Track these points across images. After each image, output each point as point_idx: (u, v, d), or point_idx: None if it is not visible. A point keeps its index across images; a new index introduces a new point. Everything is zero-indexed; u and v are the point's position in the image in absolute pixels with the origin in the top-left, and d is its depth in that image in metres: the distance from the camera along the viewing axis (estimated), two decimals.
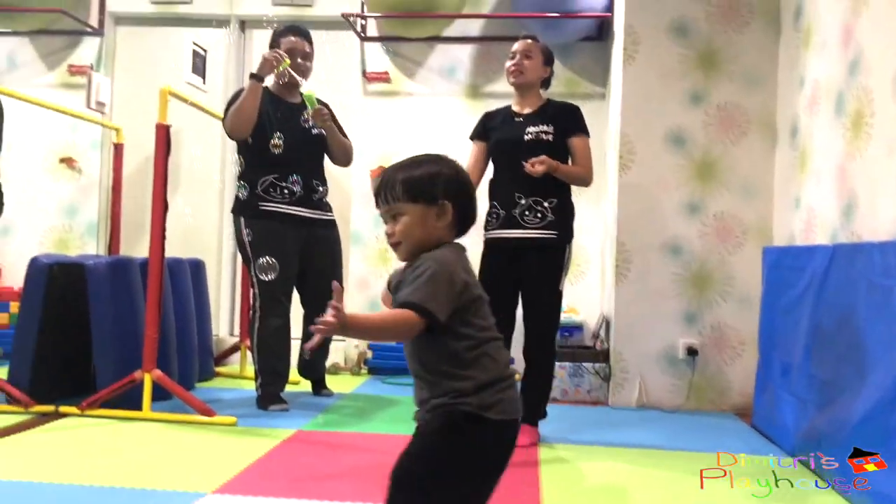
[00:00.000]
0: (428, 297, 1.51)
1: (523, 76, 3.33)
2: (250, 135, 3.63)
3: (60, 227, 5.27)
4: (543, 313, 3.26)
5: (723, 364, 4.09)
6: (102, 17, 5.28)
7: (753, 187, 4.10)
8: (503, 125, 3.38)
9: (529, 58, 3.33)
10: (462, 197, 1.65)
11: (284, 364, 3.79)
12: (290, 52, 3.66)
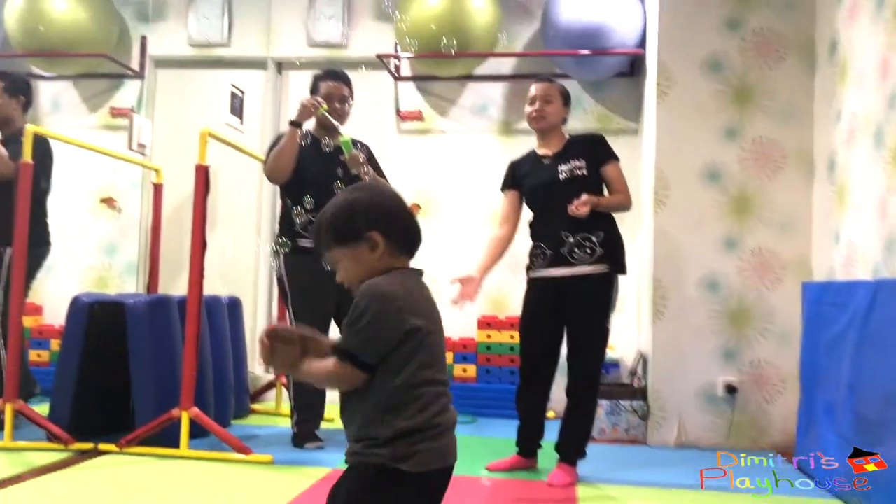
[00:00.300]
0: (362, 345, 1.48)
1: (545, 121, 3.34)
2: (289, 178, 3.69)
3: (100, 265, 5.37)
4: (590, 350, 3.23)
5: (763, 402, 4.01)
6: (143, 60, 5.42)
7: (791, 222, 4.05)
8: (533, 170, 3.39)
9: (549, 102, 3.34)
10: (387, 220, 1.57)
11: (320, 401, 3.80)
12: (328, 97, 3.72)
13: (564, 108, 3.39)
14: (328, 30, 5.29)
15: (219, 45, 5.40)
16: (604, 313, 3.22)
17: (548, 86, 3.37)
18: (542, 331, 3.29)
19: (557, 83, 3.43)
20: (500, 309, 4.97)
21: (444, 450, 1.53)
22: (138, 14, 5.45)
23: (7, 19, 5.09)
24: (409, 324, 1.51)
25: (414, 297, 1.55)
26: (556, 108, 3.35)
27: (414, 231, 1.62)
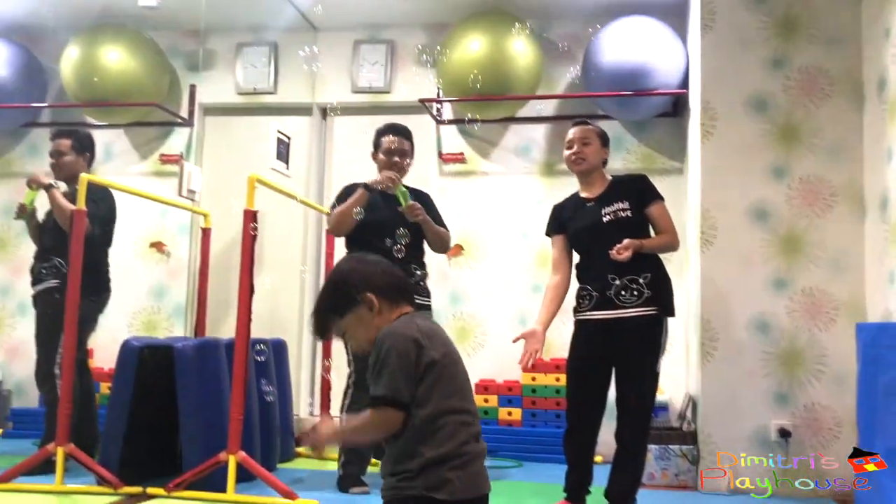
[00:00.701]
0: (391, 384, 1.57)
1: (585, 162, 3.33)
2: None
3: (149, 308, 5.46)
4: (639, 393, 3.17)
5: (818, 447, 3.89)
6: (192, 108, 5.56)
7: (843, 261, 3.97)
8: (577, 214, 3.37)
9: (587, 144, 3.32)
10: (371, 279, 1.71)
11: (371, 446, 3.79)
12: (389, 151, 3.83)
13: (604, 150, 3.38)
14: (372, 76, 5.38)
15: (265, 92, 5.52)
16: (653, 356, 3.17)
17: (585, 128, 3.37)
18: (589, 373, 3.24)
19: (594, 125, 3.42)
20: (546, 351, 4.91)
21: (475, 478, 1.61)
22: (188, 64, 5.61)
23: (64, 71, 5.27)
24: (427, 356, 1.60)
25: (427, 333, 1.64)
26: (595, 150, 3.34)
27: (398, 280, 1.76)
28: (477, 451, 1.64)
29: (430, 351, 1.61)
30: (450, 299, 4.83)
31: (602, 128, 3.44)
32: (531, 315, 3.67)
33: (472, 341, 5.10)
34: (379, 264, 1.77)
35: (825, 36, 4.09)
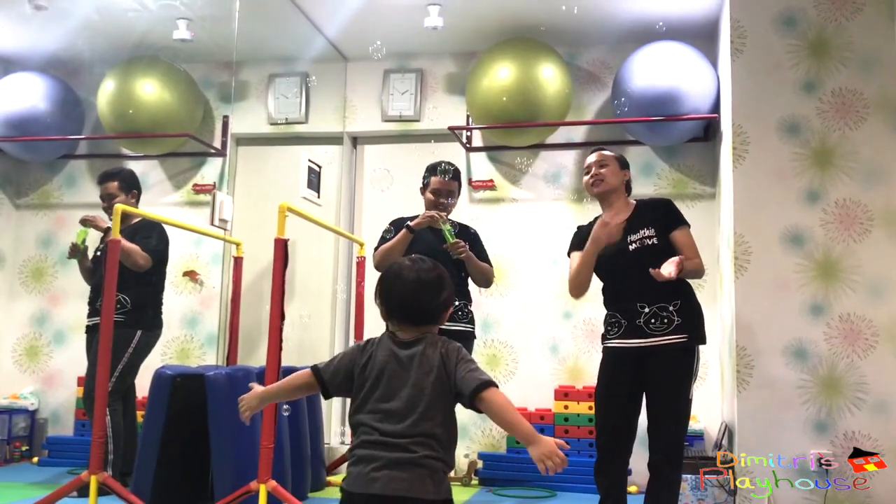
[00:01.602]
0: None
1: (604, 183, 3.27)
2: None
3: (182, 337, 5.50)
4: (672, 421, 3.09)
5: (859, 477, 3.79)
6: (225, 138, 5.63)
7: (882, 286, 3.89)
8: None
9: (604, 166, 3.28)
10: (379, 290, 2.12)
11: None
12: (437, 192, 3.93)
13: (622, 172, 3.32)
14: (401, 105, 5.42)
15: (296, 122, 5.59)
16: (685, 383, 3.10)
17: (601, 153, 3.35)
18: (618, 401, 3.19)
19: (608, 149, 3.40)
20: (578, 378, 4.88)
21: (356, 476, 1.92)
22: (220, 95, 5.69)
23: (100, 103, 5.38)
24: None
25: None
26: (613, 171, 3.29)
27: (385, 304, 2.07)
28: (360, 455, 1.93)
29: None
30: (481, 327, 4.79)
31: (622, 154, 3.42)
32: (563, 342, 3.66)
33: (504, 369, 5.06)
34: (390, 279, 2.10)
35: (858, 58, 4.05)
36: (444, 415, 1.95)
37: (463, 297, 3.99)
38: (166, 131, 5.34)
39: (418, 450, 1.88)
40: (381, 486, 1.86)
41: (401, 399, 1.92)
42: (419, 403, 1.91)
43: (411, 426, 1.90)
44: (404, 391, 1.93)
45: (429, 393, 1.93)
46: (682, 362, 3.09)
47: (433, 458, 1.90)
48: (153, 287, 4.40)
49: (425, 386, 1.93)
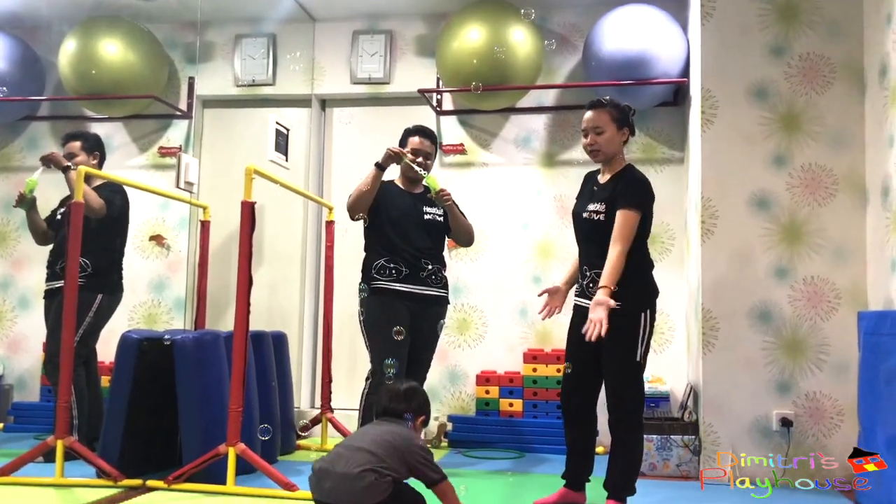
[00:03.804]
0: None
1: (601, 153, 3.21)
2: (368, 222, 3.96)
3: (149, 302, 5.45)
4: (621, 385, 3.15)
5: (820, 436, 3.88)
6: (191, 101, 5.54)
7: (845, 250, 3.95)
8: (583, 194, 3.35)
9: (601, 132, 3.19)
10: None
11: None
12: (414, 152, 3.98)
13: (620, 133, 3.22)
14: (371, 66, 5.35)
15: (264, 84, 5.50)
16: (629, 349, 3.11)
17: (597, 115, 3.21)
18: (577, 357, 3.27)
19: (608, 107, 3.23)
20: (546, 342, 4.92)
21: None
22: (186, 56, 5.58)
23: (61, 63, 5.25)
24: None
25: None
26: (609, 137, 3.19)
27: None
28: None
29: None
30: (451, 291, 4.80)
31: (617, 103, 3.25)
32: (532, 306, 3.69)
33: (474, 332, 5.09)
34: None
35: (826, 22, 4.06)
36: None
37: (437, 261, 4.02)
38: (130, 93, 5.24)
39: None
40: None
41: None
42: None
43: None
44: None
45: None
46: (623, 329, 3.09)
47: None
48: (115, 251, 4.36)
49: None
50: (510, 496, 3.49)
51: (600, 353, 3.18)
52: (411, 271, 3.90)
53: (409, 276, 3.89)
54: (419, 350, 3.98)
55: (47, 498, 3.31)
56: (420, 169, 3.92)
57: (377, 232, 3.96)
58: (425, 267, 3.93)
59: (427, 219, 4.00)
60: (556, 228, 5.05)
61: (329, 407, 4.67)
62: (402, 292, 3.87)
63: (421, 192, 4.03)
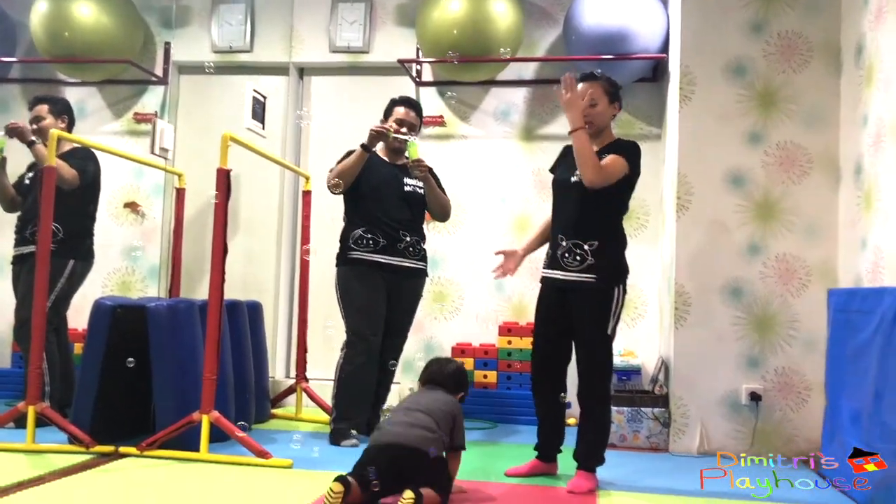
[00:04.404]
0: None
1: (593, 126, 3.21)
2: (347, 193, 3.94)
3: (123, 269, 5.41)
4: (591, 357, 3.20)
5: (788, 410, 3.96)
6: (167, 66, 5.46)
7: (817, 228, 4.00)
8: (565, 163, 3.34)
9: (594, 105, 3.21)
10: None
11: (363, 401, 3.94)
12: (399, 122, 3.98)
13: (612, 106, 3.25)
14: (350, 35, 5.30)
15: (241, 50, 5.43)
16: (600, 322, 3.15)
17: (592, 87, 3.22)
18: (546, 328, 3.29)
19: (601, 80, 3.26)
20: (521, 315, 4.95)
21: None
22: (162, 21, 5.50)
23: (33, 25, 5.15)
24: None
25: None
26: (602, 110, 3.22)
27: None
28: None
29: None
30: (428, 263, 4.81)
31: (610, 78, 3.29)
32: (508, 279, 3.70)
33: (450, 305, 5.10)
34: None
35: (805, 1, 4.07)
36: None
37: (416, 234, 4.02)
38: (105, 57, 5.15)
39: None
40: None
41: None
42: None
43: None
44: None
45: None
46: (596, 302, 3.14)
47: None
48: (87, 217, 4.32)
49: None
50: (483, 465, 3.53)
51: (570, 325, 3.21)
52: (389, 242, 3.89)
53: (386, 247, 3.89)
54: (396, 322, 3.99)
55: (18, 463, 3.30)
56: (407, 136, 3.90)
57: (356, 202, 3.94)
58: (403, 238, 3.93)
59: (407, 190, 3.98)
60: (533, 203, 5.06)
61: (304, 377, 4.67)
62: (379, 263, 3.87)
63: (403, 163, 4.01)
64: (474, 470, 3.40)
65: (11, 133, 4.04)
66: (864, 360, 3.03)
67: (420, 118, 4.14)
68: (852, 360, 3.19)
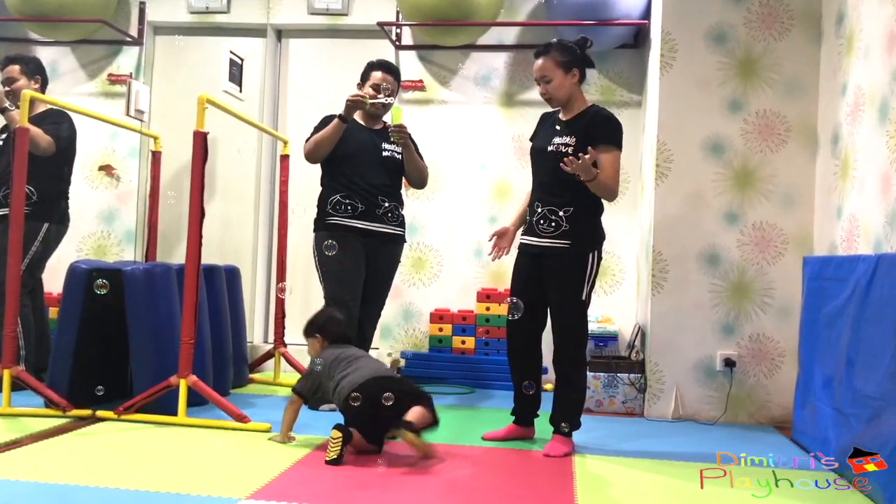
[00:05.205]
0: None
1: (554, 100, 3.27)
2: (326, 159, 3.89)
3: (99, 233, 5.35)
4: (565, 322, 3.23)
5: (761, 376, 4.02)
6: (142, 27, 5.36)
7: (794, 196, 4.03)
8: (542, 131, 3.36)
9: (548, 81, 3.23)
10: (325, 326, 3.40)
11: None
12: (375, 87, 3.92)
13: (569, 76, 3.23)
14: None
15: (218, 11, 5.34)
16: (574, 288, 3.18)
17: (543, 63, 3.24)
18: (522, 294, 3.30)
19: (551, 53, 3.24)
20: (500, 281, 4.97)
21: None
22: None
23: None
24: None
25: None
26: (558, 84, 3.23)
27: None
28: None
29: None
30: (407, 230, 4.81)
31: (563, 45, 3.26)
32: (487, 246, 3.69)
33: (429, 271, 5.11)
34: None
35: None
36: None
37: (394, 199, 3.99)
38: (77, 16, 5.04)
39: None
40: None
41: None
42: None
43: None
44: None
45: None
46: (570, 267, 3.17)
47: None
48: (62, 179, 4.25)
49: None
50: (461, 429, 3.56)
51: (546, 291, 3.23)
52: (367, 208, 3.87)
53: (364, 212, 3.86)
54: (374, 287, 3.98)
55: None
56: (384, 99, 3.86)
57: (333, 167, 3.90)
58: (381, 204, 3.91)
59: (385, 156, 3.95)
60: (513, 169, 5.05)
61: (282, 342, 4.67)
62: (357, 229, 3.85)
63: (381, 128, 3.97)
64: (452, 434, 3.43)
65: None
66: (836, 327, 3.08)
67: (398, 82, 4.09)
68: (825, 327, 3.24)
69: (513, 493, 2.67)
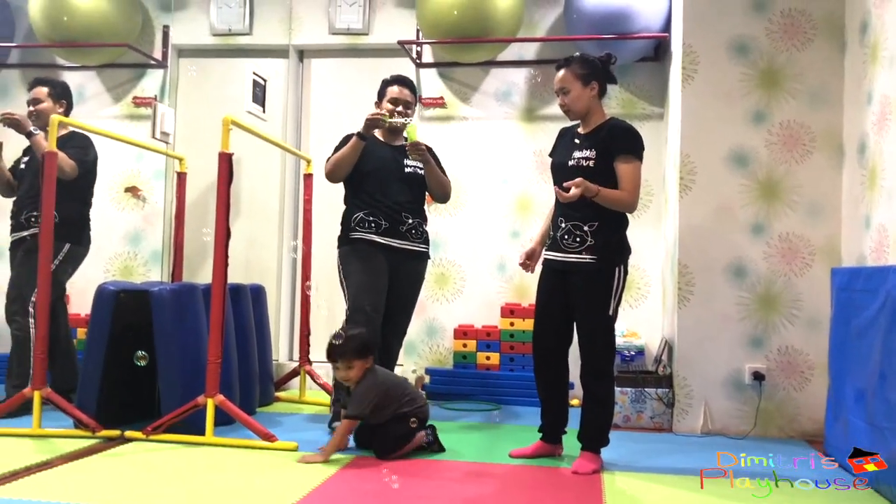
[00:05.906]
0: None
1: (572, 113, 3.28)
2: (347, 177, 3.91)
3: (125, 254, 5.40)
4: (591, 338, 3.20)
5: (791, 389, 3.97)
6: (166, 49, 5.43)
7: (820, 207, 3.99)
8: (562, 146, 3.36)
9: (566, 92, 3.24)
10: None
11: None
12: (393, 101, 3.93)
13: (587, 89, 3.24)
14: (350, 17, 5.26)
15: (240, 33, 5.40)
16: (601, 303, 3.16)
17: (563, 75, 3.26)
18: (547, 311, 3.30)
19: (572, 65, 3.26)
20: (524, 296, 4.95)
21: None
22: (160, 4, 5.46)
23: (32, 10, 5.12)
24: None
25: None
26: (576, 96, 3.23)
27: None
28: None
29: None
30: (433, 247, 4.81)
31: (584, 58, 3.27)
32: (510, 261, 3.70)
33: (452, 287, 5.10)
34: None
35: None
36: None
37: (418, 216, 3.98)
38: (103, 41, 5.12)
39: None
40: None
41: None
42: None
43: None
44: None
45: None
46: (596, 282, 3.15)
47: None
48: (83, 203, 4.30)
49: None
50: (487, 447, 3.55)
51: (572, 307, 3.22)
52: (391, 225, 3.87)
53: (388, 229, 3.86)
54: (399, 304, 3.96)
55: (25, 448, 3.31)
56: (402, 119, 3.87)
57: (356, 185, 3.90)
58: (405, 221, 3.91)
59: (408, 172, 3.95)
60: (535, 184, 5.05)
61: (307, 360, 4.69)
62: (381, 244, 3.85)
63: (401, 144, 3.98)
64: (479, 452, 3.41)
65: (8, 124, 4.02)
66: (867, 339, 3.03)
67: (415, 95, 4.07)
68: (856, 339, 3.19)
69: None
